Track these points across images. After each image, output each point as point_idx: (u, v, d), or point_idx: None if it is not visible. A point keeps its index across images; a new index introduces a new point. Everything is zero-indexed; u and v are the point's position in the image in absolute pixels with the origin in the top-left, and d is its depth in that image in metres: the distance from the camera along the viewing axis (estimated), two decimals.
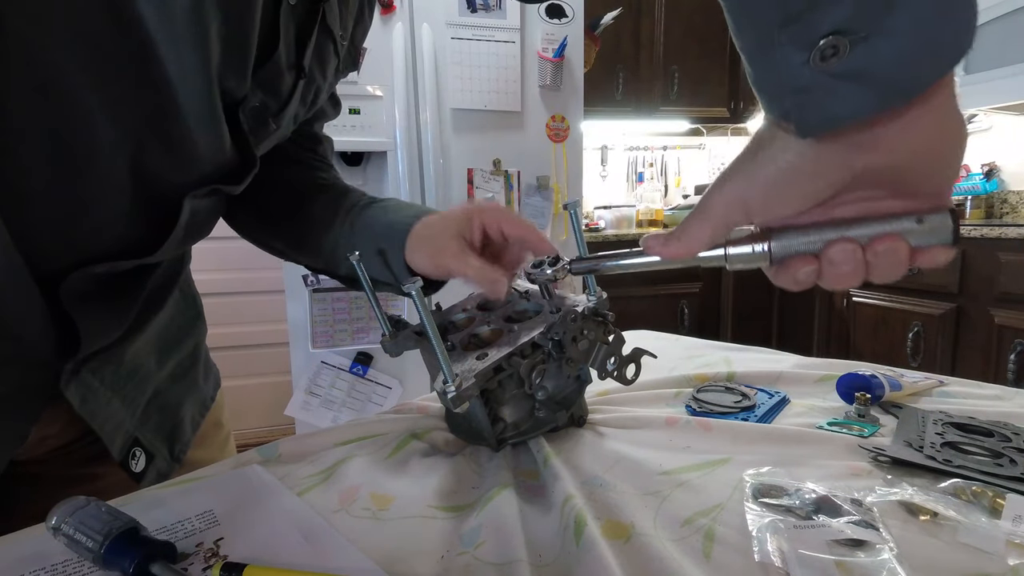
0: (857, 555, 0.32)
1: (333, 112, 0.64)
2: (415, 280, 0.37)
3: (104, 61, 0.33)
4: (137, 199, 0.39)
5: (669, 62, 2.84)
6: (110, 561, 0.31)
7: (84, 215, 0.37)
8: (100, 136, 0.35)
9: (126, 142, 0.36)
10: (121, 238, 0.40)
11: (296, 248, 0.60)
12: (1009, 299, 1.78)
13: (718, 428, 0.50)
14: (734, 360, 0.72)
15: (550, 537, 0.36)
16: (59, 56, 0.32)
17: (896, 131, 0.26)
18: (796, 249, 0.30)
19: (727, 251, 0.31)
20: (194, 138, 0.39)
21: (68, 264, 0.37)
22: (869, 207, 0.29)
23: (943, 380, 0.64)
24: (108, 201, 0.38)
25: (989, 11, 1.92)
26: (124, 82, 0.35)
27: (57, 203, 0.36)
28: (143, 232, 0.41)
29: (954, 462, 0.42)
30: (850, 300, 2.36)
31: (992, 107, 2.12)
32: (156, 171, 0.39)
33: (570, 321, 0.44)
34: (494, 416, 0.47)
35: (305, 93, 0.50)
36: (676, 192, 3.27)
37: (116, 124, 0.35)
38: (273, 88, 0.45)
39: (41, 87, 0.32)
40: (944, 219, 0.28)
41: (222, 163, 0.43)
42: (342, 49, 0.53)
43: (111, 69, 0.34)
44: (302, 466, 0.47)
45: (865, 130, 0.27)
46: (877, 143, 0.27)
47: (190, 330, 0.59)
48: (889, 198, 0.29)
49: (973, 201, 2.32)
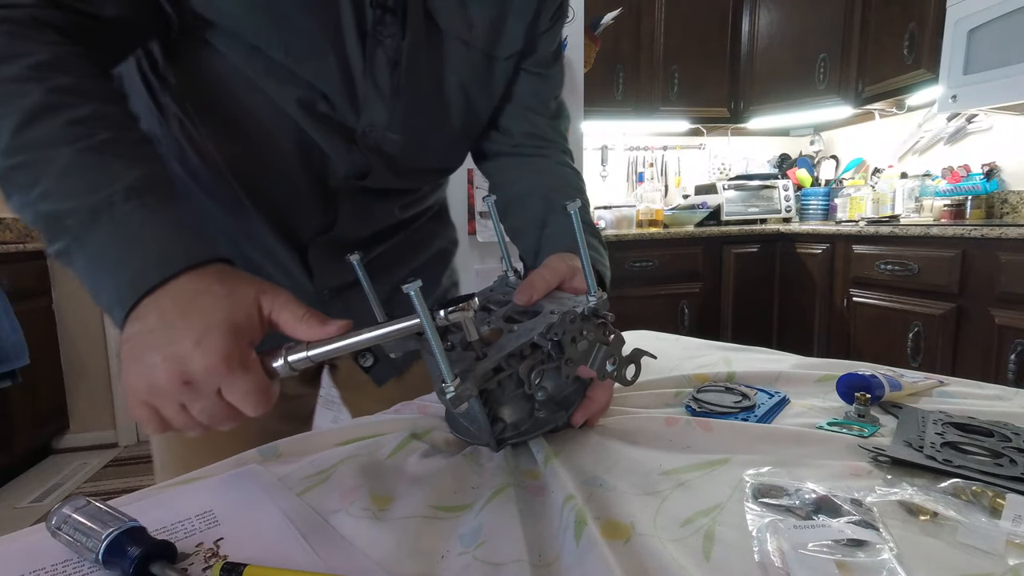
0: (857, 555, 0.32)
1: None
2: (415, 280, 0.37)
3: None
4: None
5: (669, 62, 2.85)
6: (110, 561, 0.31)
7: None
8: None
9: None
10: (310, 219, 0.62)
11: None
12: (1009, 299, 1.78)
13: (718, 428, 0.50)
14: (734, 360, 0.72)
15: (550, 537, 0.36)
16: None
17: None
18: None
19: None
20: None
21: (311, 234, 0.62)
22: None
23: (943, 380, 0.64)
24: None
25: (989, 11, 1.92)
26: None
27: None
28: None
29: (954, 462, 0.42)
30: (850, 300, 2.36)
31: (992, 107, 2.12)
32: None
33: (569, 322, 0.44)
34: (494, 416, 0.47)
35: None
36: (676, 192, 3.27)
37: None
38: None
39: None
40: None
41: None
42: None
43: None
44: (302, 466, 0.47)
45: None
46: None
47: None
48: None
49: (973, 201, 2.32)
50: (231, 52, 0.52)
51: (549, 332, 0.44)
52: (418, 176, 0.67)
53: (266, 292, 0.39)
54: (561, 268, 0.50)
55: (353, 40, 0.53)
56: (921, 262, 2.04)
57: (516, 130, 0.68)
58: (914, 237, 2.06)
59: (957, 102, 2.07)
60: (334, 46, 0.52)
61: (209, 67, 0.53)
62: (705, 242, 2.69)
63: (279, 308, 0.39)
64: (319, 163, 0.58)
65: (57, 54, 0.41)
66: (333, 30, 0.52)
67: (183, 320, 0.35)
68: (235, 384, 0.36)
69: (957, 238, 1.92)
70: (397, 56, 0.55)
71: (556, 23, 0.65)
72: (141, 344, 0.36)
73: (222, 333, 0.35)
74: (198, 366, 0.34)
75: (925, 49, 2.25)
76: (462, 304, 0.41)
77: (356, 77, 0.54)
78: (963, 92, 2.04)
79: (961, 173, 2.44)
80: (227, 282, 0.38)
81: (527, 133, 0.68)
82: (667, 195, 3.27)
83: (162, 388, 0.35)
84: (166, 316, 0.36)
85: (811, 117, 3.00)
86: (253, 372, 0.37)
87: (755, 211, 2.96)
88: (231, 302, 0.37)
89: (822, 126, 3.25)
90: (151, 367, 0.35)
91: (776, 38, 2.85)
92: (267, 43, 0.51)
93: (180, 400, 0.36)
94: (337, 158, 0.58)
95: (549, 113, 0.69)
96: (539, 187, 0.65)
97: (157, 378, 0.35)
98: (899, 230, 2.13)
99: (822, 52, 2.73)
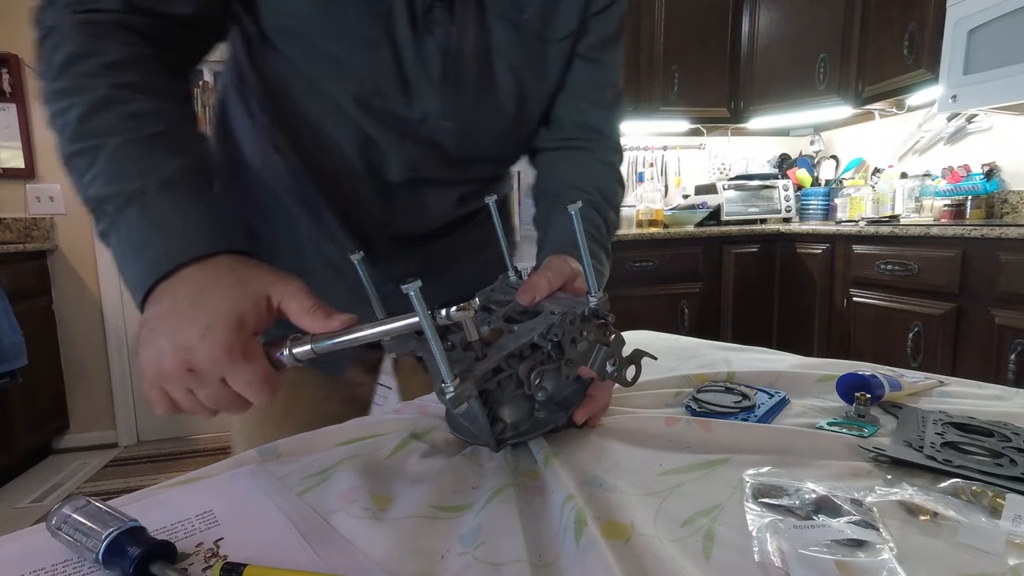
0: (857, 555, 0.32)
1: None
2: (415, 280, 0.37)
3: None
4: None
5: (669, 62, 2.84)
6: (110, 561, 0.31)
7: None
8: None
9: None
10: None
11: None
12: (1009, 299, 1.78)
13: (718, 428, 0.50)
14: (734, 360, 0.72)
15: (550, 537, 0.36)
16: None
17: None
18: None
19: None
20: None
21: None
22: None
23: (943, 380, 0.64)
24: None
25: (989, 11, 1.92)
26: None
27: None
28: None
29: (954, 462, 0.42)
30: (850, 300, 2.36)
31: (992, 107, 2.12)
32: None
33: (570, 323, 0.44)
34: (493, 417, 0.47)
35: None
36: (676, 192, 3.27)
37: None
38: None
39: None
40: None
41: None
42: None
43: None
44: (302, 466, 0.47)
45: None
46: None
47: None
48: None
49: (973, 201, 2.32)
50: (294, 54, 0.55)
51: (549, 332, 0.44)
52: (472, 167, 0.67)
53: (277, 282, 0.40)
54: (564, 270, 0.50)
55: (405, 29, 0.54)
56: (921, 262, 2.04)
57: (568, 120, 0.67)
58: (914, 237, 2.06)
59: (957, 102, 2.07)
60: (387, 35, 0.54)
61: (278, 71, 0.57)
62: (705, 242, 2.69)
63: (288, 299, 0.40)
64: (376, 158, 0.61)
65: (131, 54, 0.45)
66: (386, 20, 0.54)
67: (192, 309, 0.37)
68: (238, 373, 0.37)
69: (957, 238, 1.92)
70: (447, 43, 0.56)
71: (611, 5, 0.64)
72: (153, 329, 0.38)
73: (227, 324, 0.37)
74: (202, 355, 0.36)
75: (925, 49, 2.25)
76: (463, 304, 0.41)
77: (408, 66, 0.56)
78: (963, 92, 2.04)
79: (961, 173, 2.44)
80: (239, 272, 0.40)
81: (578, 123, 0.67)
82: (667, 195, 3.27)
83: (169, 374, 0.37)
84: (178, 303, 0.38)
85: (811, 117, 2.99)
86: (256, 362, 0.38)
87: (755, 211, 2.96)
88: (239, 292, 0.39)
89: (822, 126, 3.25)
90: (160, 353, 0.37)
91: (776, 38, 2.85)
92: (324, 37, 0.53)
93: (186, 386, 0.38)
94: (391, 151, 0.60)
95: (604, 103, 0.68)
96: (560, 184, 0.65)
97: (165, 364, 0.37)
98: (899, 230, 2.13)
99: (822, 52, 2.73)
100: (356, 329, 0.40)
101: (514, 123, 0.65)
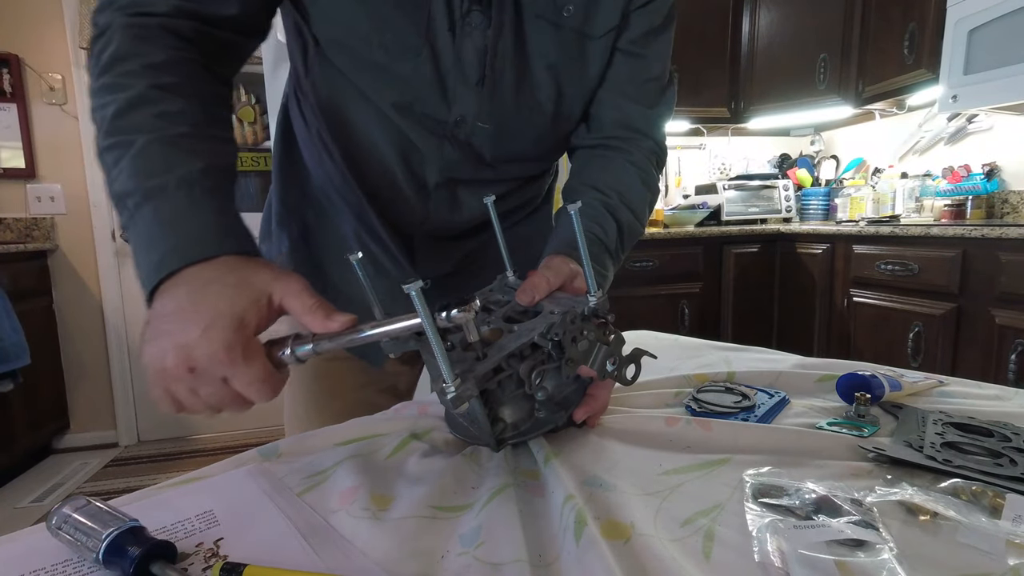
0: (857, 555, 0.32)
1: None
2: (415, 280, 0.37)
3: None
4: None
5: None
6: (110, 561, 0.31)
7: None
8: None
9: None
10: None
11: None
12: (1010, 299, 1.78)
13: (718, 428, 0.50)
14: (734, 360, 0.72)
15: (550, 537, 0.36)
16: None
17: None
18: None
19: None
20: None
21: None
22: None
23: (943, 380, 0.64)
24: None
25: (989, 11, 1.92)
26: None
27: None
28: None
29: (954, 462, 0.42)
30: (850, 300, 2.36)
31: (992, 107, 2.12)
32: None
33: (570, 322, 0.44)
34: (494, 416, 0.47)
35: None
36: (676, 192, 3.27)
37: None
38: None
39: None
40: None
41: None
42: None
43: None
44: (302, 466, 0.47)
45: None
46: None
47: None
48: None
49: (974, 201, 2.32)
50: (341, 63, 0.57)
51: (549, 332, 0.44)
52: (509, 166, 0.67)
53: (278, 281, 0.40)
54: (564, 270, 0.50)
55: (444, 34, 0.55)
56: (921, 262, 2.04)
57: (607, 118, 0.65)
58: (914, 237, 2.06)
59: (957, 102, 2.07)
60: (427, 41, 0.55)
61: (327, 80, 0.60)
62: (705, 242, 2.69)
63: (289, 297, 0.40)
64: (415, 161, 0.63)
65: (172, 57, 0.46)
66: (426, 26, 0.54)
67: (193, 308, 0.38)
68: (239, 373, 0.38)
69: (957, 238, 1.91)
70: (484, 45, 0.56)
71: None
72: (156, 328, 0.38)
73: (227, 323, 0.37)
74: (202, 355, 0.36)
75: (925, 49, 2.25)
76: (463, 305, 0.41)
77: (446, 71, 0.57)
78: (963, 92, 2.04)
79: (961, 173, 2.43)
80: (240, 271, 0.40)
81: (617, 122, 0.65)
82: (667, 195, 3.27)
83: (171, 373, 0.37)
84: (180, 302, 0.38)
85: (811, 117, 2.99)
86: (257, 362, 0.38)
87: (755, 211, 2.96)
88: (239, 291, 0.39)
89: (822, 126, 3.25)
90: (162, 352, 0.37)
91: (776, 38, 2.85)
92: (367, 45, 0.55)
93: (188, 385, 0.38)
94: (430, 154, 0.62)
95: (647, 100, 0.65)
96: (579, 184, 0.63)
97: (167, 364, 0.37)
98: (899, 230, 2.13)
99: (822, 52, 2.73)
100: (357, 329, 0.40)
101: (552, 122, 0.64)
